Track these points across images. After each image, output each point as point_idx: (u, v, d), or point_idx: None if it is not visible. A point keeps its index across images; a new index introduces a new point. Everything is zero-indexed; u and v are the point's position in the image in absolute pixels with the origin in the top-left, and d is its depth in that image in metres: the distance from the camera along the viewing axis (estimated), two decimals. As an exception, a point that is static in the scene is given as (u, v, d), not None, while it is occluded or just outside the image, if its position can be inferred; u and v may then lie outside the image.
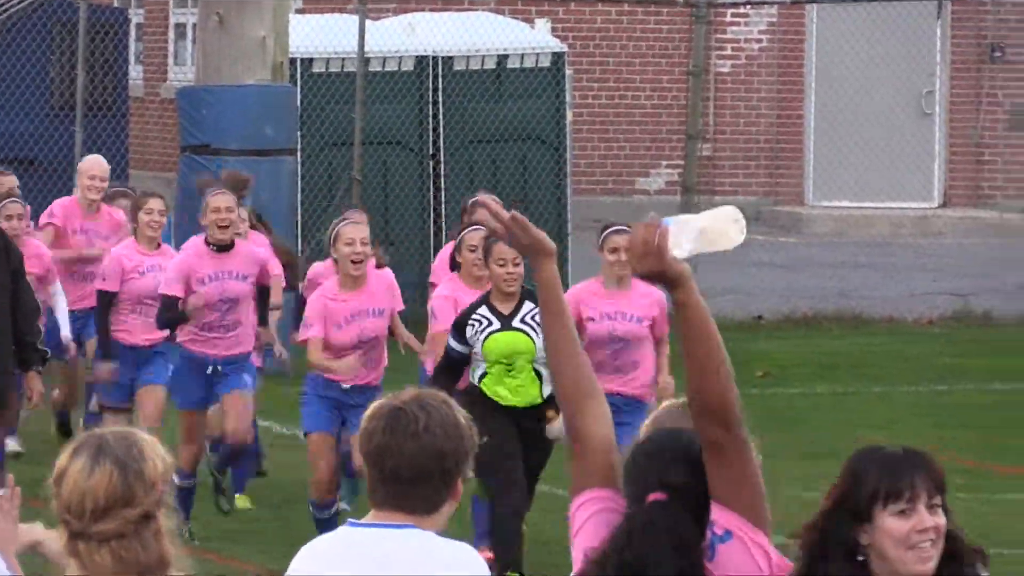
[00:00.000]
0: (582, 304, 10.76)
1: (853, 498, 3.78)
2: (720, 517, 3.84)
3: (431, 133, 19.93)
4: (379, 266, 12.17)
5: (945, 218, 27.49)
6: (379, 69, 19.41)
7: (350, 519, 4.13)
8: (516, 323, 11.02)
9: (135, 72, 24.94)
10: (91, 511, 3.24)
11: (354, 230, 11.65)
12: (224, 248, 12.09)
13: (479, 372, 11.05)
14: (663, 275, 3.78)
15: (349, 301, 11.53)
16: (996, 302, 21.91)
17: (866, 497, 3.75)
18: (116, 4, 26.06)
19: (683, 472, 3.85)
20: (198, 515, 11.85)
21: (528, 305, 10.86)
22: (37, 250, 13.37)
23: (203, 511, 12.15)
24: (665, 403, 4.60)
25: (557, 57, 20.63)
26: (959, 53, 27.95)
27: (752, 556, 3.90)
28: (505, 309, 10.99)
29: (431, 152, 19.96)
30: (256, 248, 12.80)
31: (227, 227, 12.06)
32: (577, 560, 3.95)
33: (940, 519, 3.76)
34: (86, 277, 14.04)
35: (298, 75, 18.70)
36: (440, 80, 19.82)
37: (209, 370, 12.03)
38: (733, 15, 27.06)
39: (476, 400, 10.34)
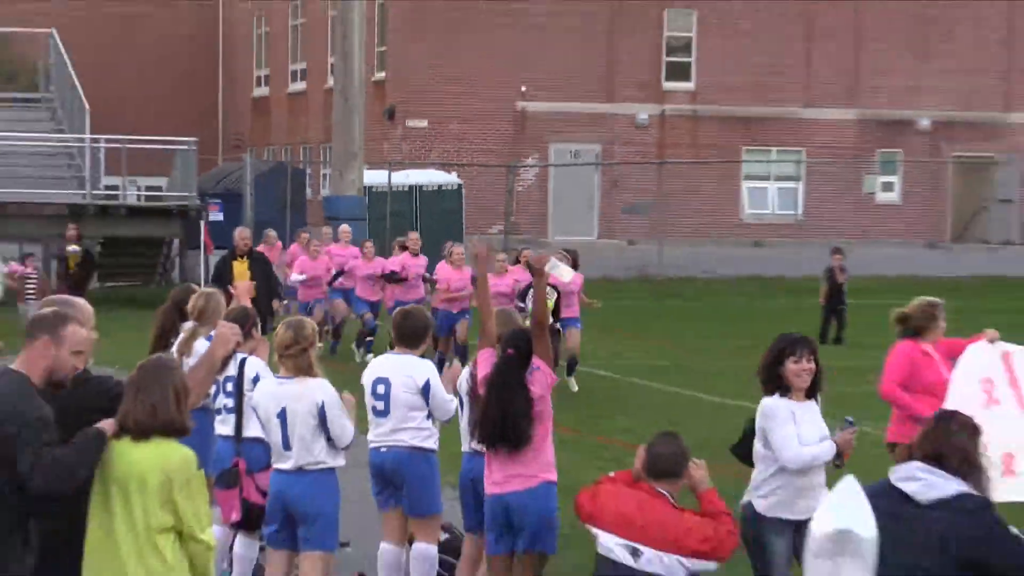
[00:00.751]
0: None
1: (775, 353, 9.50)
2: (535, 361, 10.02)
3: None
4: None
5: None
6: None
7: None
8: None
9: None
10: (283, 345, 10.01)
11: None
12: None
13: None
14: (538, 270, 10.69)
15: None
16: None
17: (781, 352, 9.49)
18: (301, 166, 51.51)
19: (521, 342, 10.08)
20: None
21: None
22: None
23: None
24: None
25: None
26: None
27: (546, 377, 10.12)
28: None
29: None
30: None
31: None
32: (477, 376, 10.35)
33: (812, 365, 9.44)
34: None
35: (367, 193, 37.51)
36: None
37: None
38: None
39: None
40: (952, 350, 13.17)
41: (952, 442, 7.48)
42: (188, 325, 11.53)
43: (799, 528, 8.85)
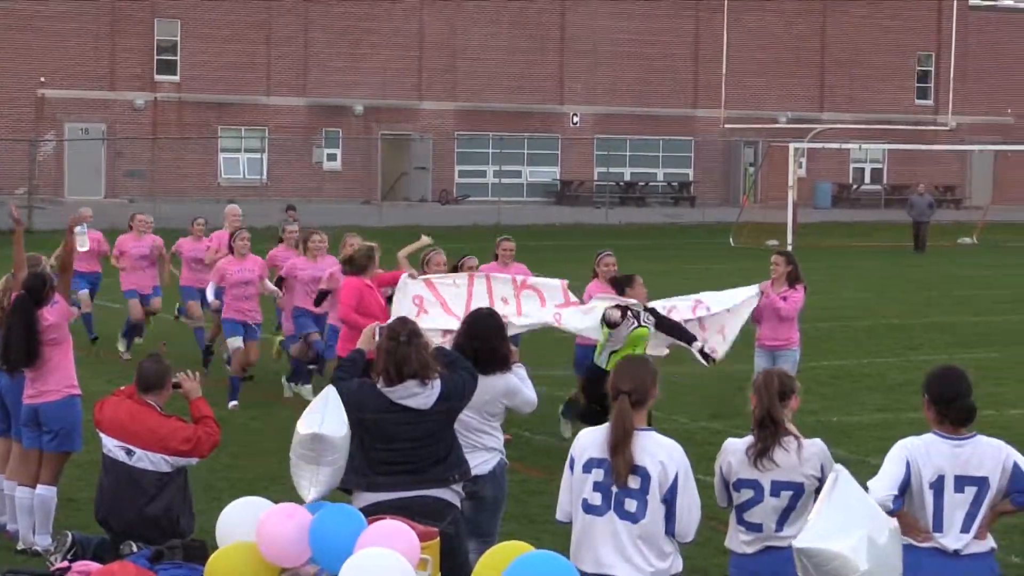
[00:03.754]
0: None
1: None
2: (55, 296, 10.85)
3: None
4: None
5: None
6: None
7: None
8: (643, 320, 14.35)
9: None
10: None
11: None
12: None
13: (608, 352, 14.00)
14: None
15: None
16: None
17: None
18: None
19: (33, 286, 10.83)
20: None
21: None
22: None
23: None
24: None
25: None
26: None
27: (63, 309, 10.92)
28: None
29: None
30: None
31: None
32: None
33: None
34: None
35: None
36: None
37: None
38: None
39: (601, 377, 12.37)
40: (383, 281, 14.54)
41: (413, 355, 8.03)
42: None
43: None
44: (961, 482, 7.31)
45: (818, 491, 7.40)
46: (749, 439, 7.69)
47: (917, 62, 69.97)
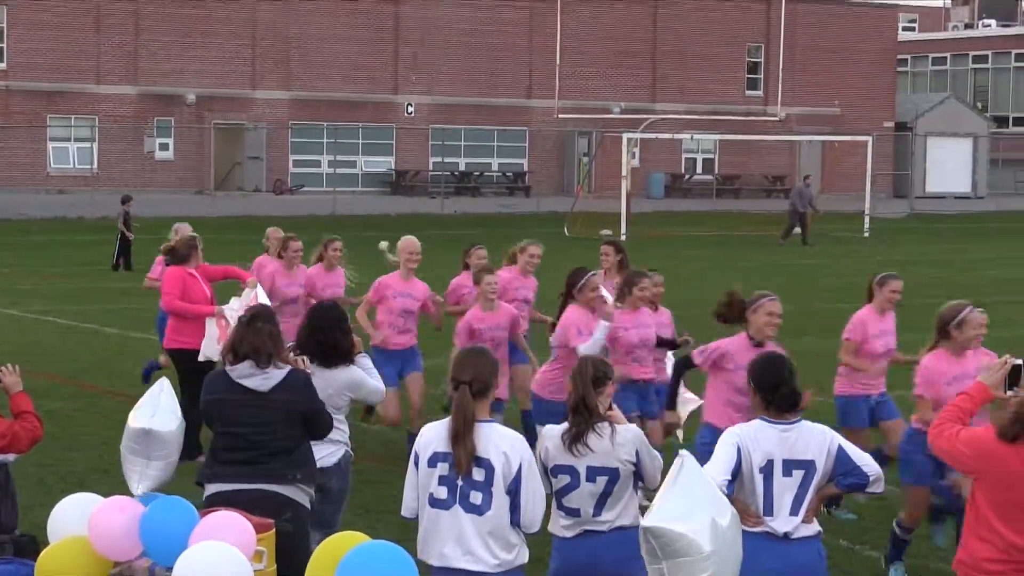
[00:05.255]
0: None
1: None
2: None
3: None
4: None
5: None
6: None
7: None
8: None
9: None
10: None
11: None
12: None
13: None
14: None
15: None
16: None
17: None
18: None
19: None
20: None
21: None
22: None
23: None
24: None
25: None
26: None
27: None
28: None
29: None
30: None
31: None
32: None
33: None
34: None
35: None
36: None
37: None
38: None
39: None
40: (208, 273, 14.58)
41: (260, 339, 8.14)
42: None
43: None
44: (789, 466, 7.45)
45: (635, 475, 7.73)
46: (566, 425, 7.80)
47: (747, 53, 70.98)
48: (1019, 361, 6.89)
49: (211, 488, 8.27)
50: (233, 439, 8.28)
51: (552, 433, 7.88)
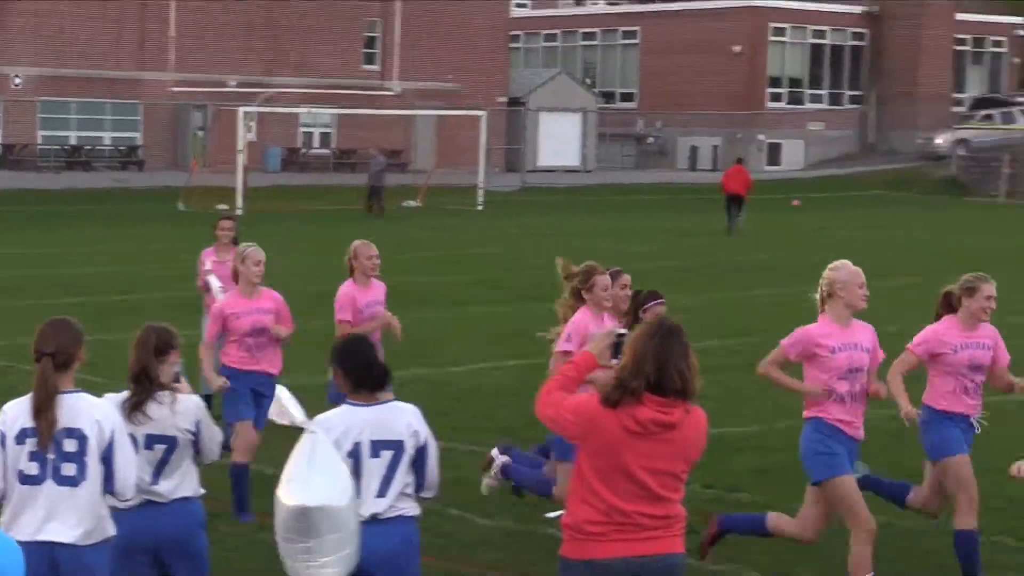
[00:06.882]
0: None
1: None
2: None
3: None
4: None
5: None
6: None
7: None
8: None
9: None
10: None
11: None
12: None
13: None
14: None
15: None
16: None
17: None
18: None
19: None
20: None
21: None
22: None
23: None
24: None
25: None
26: None
27: None
28: None
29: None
30: None
31: None
32: None
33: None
34: None
35: None
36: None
37: None
38: None
39: None
40: None
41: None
42: None
43: None
44: (377, 447, 7.48)
45: (194, 445, 7.87)
46: (126, 394, 7.86)
47: (365, 28, 71.28)
48: (624, 331, 7.14)
49: None
50: None
51: (115, 401, 7.85)
